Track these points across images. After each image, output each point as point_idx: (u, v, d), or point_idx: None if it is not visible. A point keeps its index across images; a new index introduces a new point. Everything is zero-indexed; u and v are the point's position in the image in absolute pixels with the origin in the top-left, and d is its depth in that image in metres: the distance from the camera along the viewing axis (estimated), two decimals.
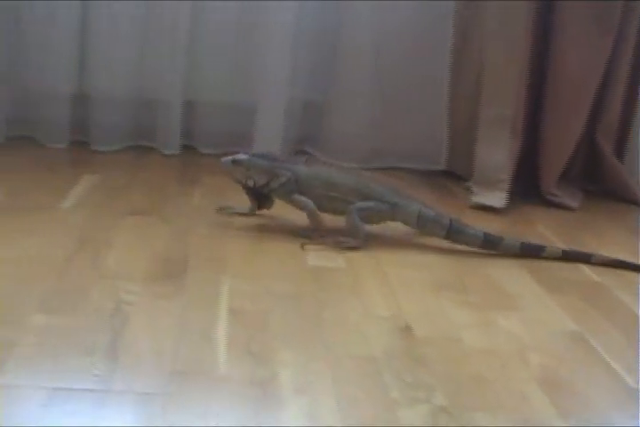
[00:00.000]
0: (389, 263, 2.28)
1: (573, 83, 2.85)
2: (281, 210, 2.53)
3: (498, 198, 2.82)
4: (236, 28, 3.14)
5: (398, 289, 2.13)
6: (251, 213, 2.59)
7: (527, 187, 3.01)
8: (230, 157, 2.46)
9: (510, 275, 2.30)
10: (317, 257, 2.29)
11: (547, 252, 2.42)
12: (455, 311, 2.04)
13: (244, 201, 2.56)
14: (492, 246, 2.41)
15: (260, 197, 2.53)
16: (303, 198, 2.45)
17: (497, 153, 2.86)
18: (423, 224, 2.45)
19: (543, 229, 2.72)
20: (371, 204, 2.43)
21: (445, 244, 2.48)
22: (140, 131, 3.20)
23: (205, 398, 1.58)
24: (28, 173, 2.84)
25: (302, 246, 2.39)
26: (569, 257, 2.41)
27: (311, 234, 2.45)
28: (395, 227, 2.49)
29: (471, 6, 2.99)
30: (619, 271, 2.38)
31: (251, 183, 2.46)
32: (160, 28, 3.11)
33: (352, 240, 2.41)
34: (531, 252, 2.42)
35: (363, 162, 3.20)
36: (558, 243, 2.56)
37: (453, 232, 2.40)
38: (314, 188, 2.45)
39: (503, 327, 1.98)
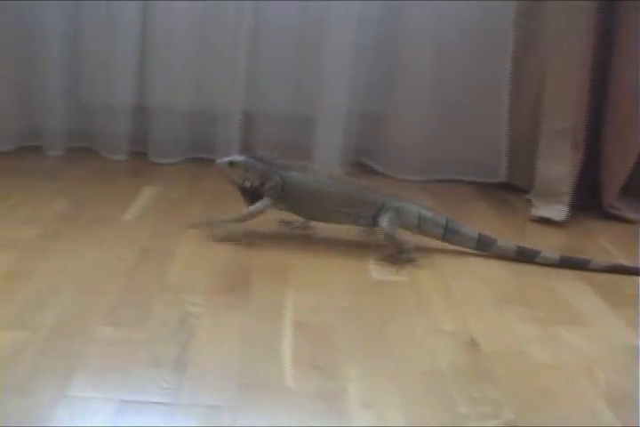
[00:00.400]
0: (452, 277, 2.27)
1: (635, 95, 2.81)
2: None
3: (558, 211, 2.80)
4: (295, 41, 3.14)
5: (462, 303, 2.11)
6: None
7: (588, 200, 2.97)
8: (227, 159, 2.46)
9: (573, 288, 2.28)
10: (380, 271, 2.27)
11: (542, 257, 2.40)
12: (520, 325, 2.02)
13: None
14: (486, 248, 2.41)
15: (255, 198, 2.50)
16: (263, 205, 2.44)
17: (558, 166, 2.84)
18: (423, 226, 2.43)
19: (604, 242, 2.69)
20: (391, 218, 2.42)
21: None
22: (199, 143, 3.21)
23: (273, 412, 1.58)
24: (90, 184, 2.86)
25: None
26: (566, 263, 2.39)
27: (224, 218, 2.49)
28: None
29: (532, 16, 2.95)
30: None
31: (247, 184, 2.46)
32: (219, 41, 3.12)
33: (403, 256, 2.40)
34: (526, 256, 2.40)
35: (420, 174, 3.19)
36: (620, 256, 2.53)
37: (450, 232, 2.41)
38: (301, 195, 2.45)
39: (568, 342, 1.96)
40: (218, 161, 2.46)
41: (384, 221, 2.40)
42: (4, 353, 1.72)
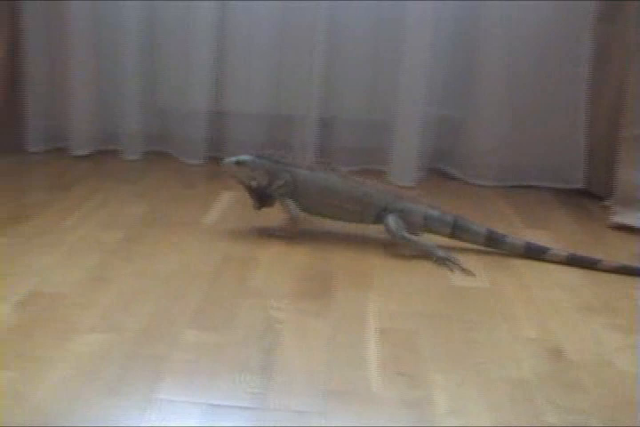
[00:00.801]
0: (533, 284, 2.25)
1: None
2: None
3: (639, 218, 2.76)
4: (372, 45, 3.13)
5: (545, 311, 2.09)
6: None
7: None
8: (234, 158, 2.48)
9: None
10: (461, 276, 2.26)
11: (550, 254, 2.40)
12: (603, 334, 2.00)
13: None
14: (495, 244, 2.42)
15: (263, 197, 2.53)
16: (293, 205, 2.48)
17: (638, 172, 2.80)
18: (430, 225, 2.44)
19: None
20: (396, 220, 2.44)
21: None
22: (275, 147, 3.20)
23: (359, 418, 1.58)
24: (168, 188, 2.89)
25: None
26: (575, 262, 2.39)
27: (278, 233, 2.51)
28: None
29: (611, 18, 2.92)
30: None
31: (254, 184, 2.49)
32: (297, 46, 3.13)
33: (438, 256, 2.39)
34: (535, 253, 2.41)
35: (497, 180, 3.17)
36: None
37: (458, 229, 2.42)
38: (311, 193, 2.47)
39: None
40: (224, 160, 2.48)
41: (389, 224, 2.42)
42: (93, 355, 1.75)
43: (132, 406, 1.58)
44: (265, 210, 2.55)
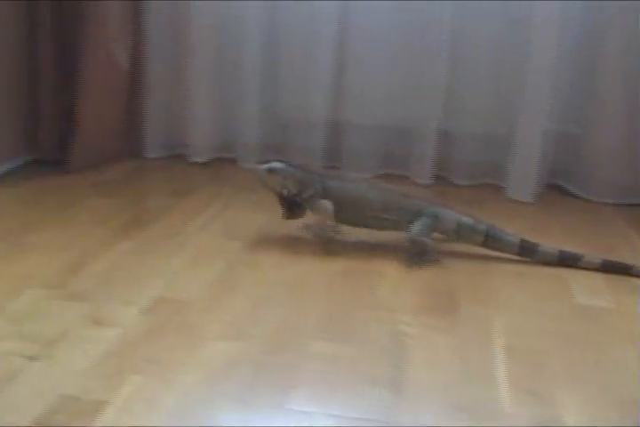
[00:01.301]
0: None
1: None
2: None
3: None
4: (494, 61, 3.10)
5: None
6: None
7: None
8: (266, 166, 2.46)
9: None
10: (585, 294, 2.23)
11: (584, 261, 2.38)
12: None
13: None
14: (528, 254, 2.40)
15: (293, 206, 2.51)
16: (325, 204, 2.46)
17: None
18: (462, 233, 2.42)
19: None
20: (423, 225, 2.42)
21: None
22: (393, 159, 3.21)
23: None
24: None
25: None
26: (608, 268, 2.37)
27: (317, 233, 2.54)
28: None
29: None
30: None
31: (285, 192, 2.47)
32: (417, 56, 3.11)
33: (425, 257, 2.39)
34: (569, 261, 2.39)
35: (618, 197, 3.10)
36: None
37: (490, 239, 2.40)
38: (342, 203, 2.45)
39: None
40: (257, 167, 2.48)
41: (416, 227, 2.41)
42: (223, 363, 1.76)
43: (262, 414, 1.60)
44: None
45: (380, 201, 2.44)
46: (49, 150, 3.22)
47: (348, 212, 2.45)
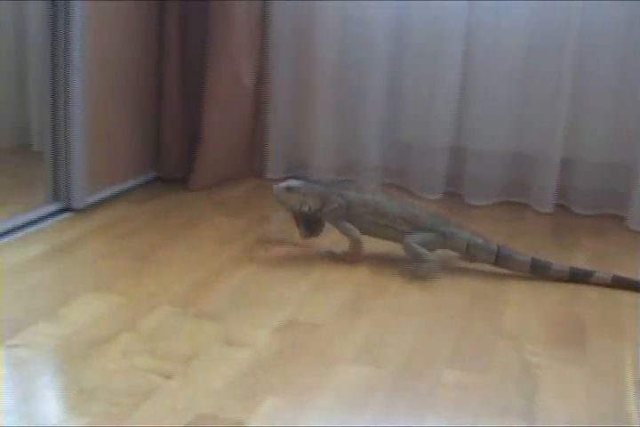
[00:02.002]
0: None
1: None
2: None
3: None
4: (615, 90, 3.07)
5: None
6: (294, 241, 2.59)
7: None
8: (284, 184, 2.47)
9: None
10: None
11: (595, 277, 2.40)
12: None
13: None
14: (540, 272, 2.42)
15: (312, 224, 2.52)
16: (351, 227, 2.48)
17: None
18: (472, 251, 2.45)
19: None
20: (423, 236, 2.44)
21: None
22: (514, 186, 3.19)
23: None
24: None
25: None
26: (619, 284, 2.39)
27: (343, 257, 2.51)
28: None
29: None
30: None
31: (306, 209, 2.47)
32: (540, 86, 3.09)
33: (422, 267, 2.41)
34: (580, 277, 2.42)
35: None
36: None
37: (502, 258, 2.42)
38: (363, 214, 2.47)
39: None
40: (275, 187, 2.48)
41: (416, 236, 2.44)
42: (357, 388, 1.77)
43: None
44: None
45: (398, 215, 2.46)
46: (172, 168, 3.28)
47: (364, 221, 2.48)
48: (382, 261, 2.51)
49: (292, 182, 2.47)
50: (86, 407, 1.64)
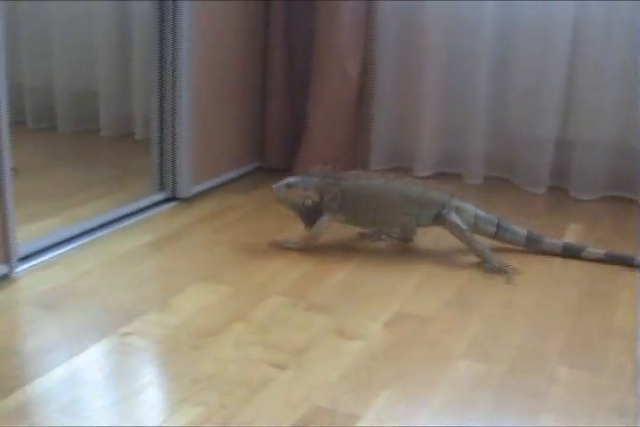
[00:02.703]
0: None
1: None
2: None
3: None
4: None
5: None
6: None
7: None
8: (283, 182, 2.45)
9: None
10: None
11: (587, 252, 2.48)
12: None
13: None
14: (534, 245, 2.49)
15: (314, 216, 2.49)
16: (324, 224, 2.47)
17: None
18: (478, 224, 2.47)
19: None
20: (457, 218, 2.43)
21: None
22: (622, 180, 3.14)
23: None
24: (511, 217, 2.82)
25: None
26: (611, 259, 2.46)
27: (290, 245, 2.50)
28: None
29: None
30: None
31: (309, 203, 2.45)
32: None
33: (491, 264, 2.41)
34: (572, 252, 2.49)
35: None
36: None
37: (502, 229, 2.47)
38: (359, 202, 2.44)
39: None
40: (274, 187, 2.46)
41: (455, 222, 2.42)
42: (468, 383, 1.77)
43: None
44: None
45: (398, 196, 2.43)
46: (274, 158, 3.32)
47: (365, 211, 2.46)
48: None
49: (291, 179, 2.46)
50: (201, 397, 1.66)
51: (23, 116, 3.61)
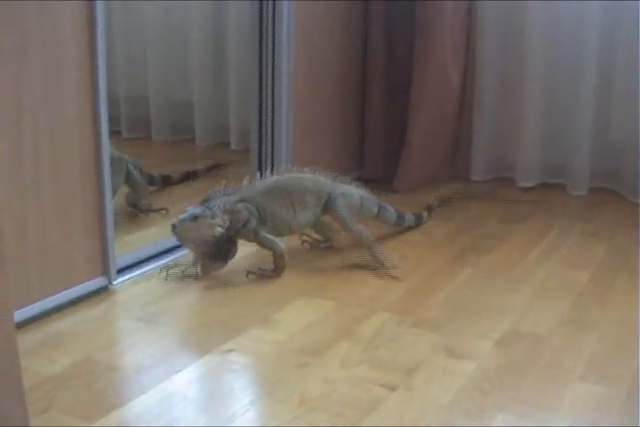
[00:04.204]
0: None
1: None
2: None
3: None
4: None
5: None
6: (205, 272, 2.29)
7: None
8: (185, 216, 2.17)
9: None
10: None
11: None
12: None
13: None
14: (400, 223, 2.61)
15: (224, 248, 2.24)
16: (271, 238, 2.26)
17: None
18: (365, 205, 2.45)
19: None
20: (341, 203, 2.35)
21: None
22: None
23: None
24: (622, 229, 2.72)
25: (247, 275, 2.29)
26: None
27: (266, 273, 2.30)
28: None
29: None
30: None
31: (219, 232, 2.20)
32: None
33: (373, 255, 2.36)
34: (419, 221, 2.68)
35: None
36: None
37: (382, 209, 2.51)
38: (274, 205, 2.30)
39: None
40: (177, 224, 2.17)
41: (341, 209, 2.35)
42: (589, 408, 1.68)
43: None
44: None
45: (300, 188, 2.33)
46: (373, 168, 3.26)
47: (282, 214, 2.32)
48: (604, 270, 2.39)
49: (192, 211, 2.18)
50: (309, 419, 1.60)
51: (118, 126, 3.60)
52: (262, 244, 2.28)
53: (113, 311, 2.10)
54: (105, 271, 2.16)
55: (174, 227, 2.16)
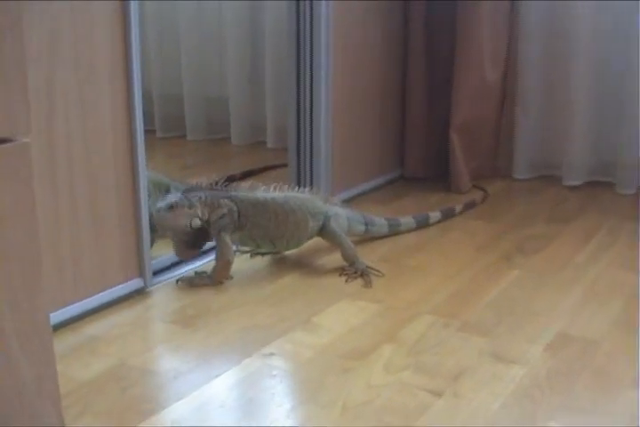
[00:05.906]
0: None
1: None
2: None
3: None
4: None
5: None
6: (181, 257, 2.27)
7: None
8: (162, 204, 2.10)
9: None
10: None
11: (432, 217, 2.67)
12: None
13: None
14: (395, 228, 2.55)
15: (201, 238, 2.20)
16: (229, 244, 2.16)
17: None
18: (351, 225, 2.41)
19: None
20: (336, 224, 2.30)
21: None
22: None
23: None
24: None
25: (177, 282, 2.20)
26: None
27: (204, 282, 2.19)
28: None
29: None
30: None
31: (196, 223, 2.13)
32: None
33: (356, 267, 2.28)
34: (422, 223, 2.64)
35: None
36: None
37: (370, 224, 2.47)
38: (258, 216, 2.21)
39: None
40: (155, 213, 2.11)
41: (336, 228, 2.31)
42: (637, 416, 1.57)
43: None
44: None
45: (299, 209, 2.27)
46: (415, 167, 3.23)
47: (265, 226, 2.23)
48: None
49: (170, 199, 2.13)
50: (353, 426, 1.51)
51: (152, 125, 3.57)
52: (217, 244, 2.20)
53: (149, 314, 2.05)
54: (141, 273, 2.11)
55: (151, 215, 2.11)
